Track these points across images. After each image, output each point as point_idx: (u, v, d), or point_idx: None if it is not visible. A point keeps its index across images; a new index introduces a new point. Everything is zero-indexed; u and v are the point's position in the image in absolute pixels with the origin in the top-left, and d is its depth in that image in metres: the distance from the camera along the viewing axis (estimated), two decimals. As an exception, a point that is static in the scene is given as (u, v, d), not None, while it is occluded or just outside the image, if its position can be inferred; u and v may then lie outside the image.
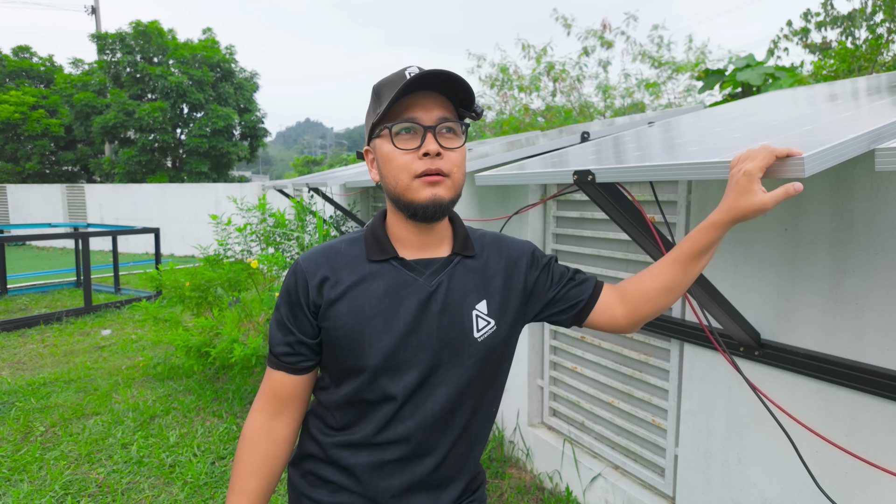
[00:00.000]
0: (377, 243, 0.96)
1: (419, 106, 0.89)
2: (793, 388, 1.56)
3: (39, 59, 18.53)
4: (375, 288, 0.93)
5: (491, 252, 1.02)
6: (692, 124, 1.94)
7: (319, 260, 0.96)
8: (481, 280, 0.98)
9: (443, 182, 0.89)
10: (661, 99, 8.68)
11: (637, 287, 1.01)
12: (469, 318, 0.95)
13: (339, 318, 0.92)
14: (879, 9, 6.92)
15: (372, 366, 0.91)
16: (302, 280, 0.94)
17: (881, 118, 1.07)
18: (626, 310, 1.03)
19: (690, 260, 0.94)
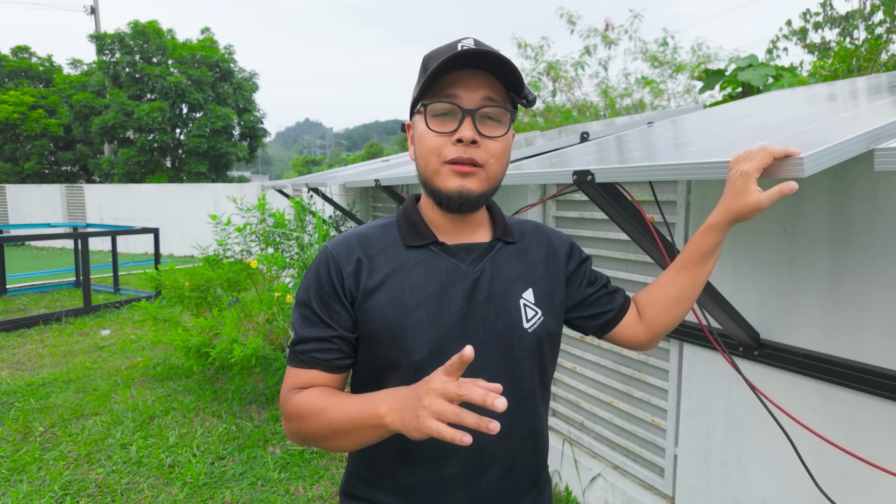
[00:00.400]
0: (413, 228, 0.88)
1: (462, 84, 0.80)
2: (792, 388, 1.56)
3: (38, 60, 18.52)
4: (416, 275, 0.84)
5: (531, 239, 0.95)
6: (692, 124, 1.94)
7: (352, 245, 0.86)
8: (524, 267, 0.91)
9: (475, 173, 0.81)
10: (661, 98, 8.68)
11: (650, 300, 0.99)
12: (517, 307, 0.88)
13: (379, 310, 0.82)
14: (878, 9, 6.92)
15: (416, 361, 0.82)
16: (335, 267, 0.84)
17: (880, 118, 1.07)
18: (645, 325, 1.00)
19: (696, 265, 0.92)
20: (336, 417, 0.76)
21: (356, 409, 0.75)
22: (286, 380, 0.87)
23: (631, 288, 2.19)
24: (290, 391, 0.85)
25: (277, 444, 3.03)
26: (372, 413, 0.72)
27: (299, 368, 0.85)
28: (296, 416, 0.82)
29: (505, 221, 0.95)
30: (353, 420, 0.75)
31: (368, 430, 0.73)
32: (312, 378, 0.85)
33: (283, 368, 3.50)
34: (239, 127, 17.03)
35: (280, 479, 2.67)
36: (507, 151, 0.85)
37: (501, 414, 0.84)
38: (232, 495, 2.55)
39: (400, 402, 0.70)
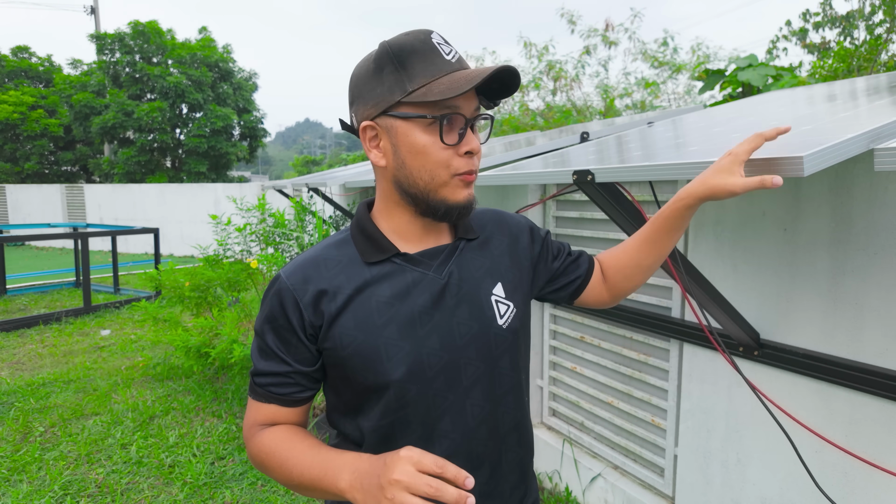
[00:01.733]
0: (371, 242, 0.84)
1: (467, 96, 0.78)
2: (792, 388, 1.56)
3: (38, 59, 18.52)
4: (381, 292, 0.81)
5: (493, 230, 0.94)
6: (692, 124, 1.94)
7: (308, 273, 0.81)
8: (490, 262, 0.90)
9: (472, 182, 0.82)
10: (660, 99, 8.68)
11: (614, 265, 1.02)
12: (489, 305, 0.86)
13: (347, 335, 0.79)
14: (878, 9, 6.93)
15: (396, 380, 0.79)
16: (291, 299, 0.80)
17: (880, 118, 1.07)
18: (608, 286, 1.04)
19: (663, 237, 0.94)
20: (297, 473, 0.76)
21: (316, 472, 0.74)
22: (248, 411, 0.86)
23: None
24: (253, 426, 0.85)
25: (277, 444, 3.04)
26: (332, 484, 0.72)
27: (258, 402, 0.84)
28: (257, 459, 0.82)
29: (467, 221, 0.93)
30: (313, 482, 0.75)
31: (329, 496, 0.74)
32: (272, 413, 0.84)
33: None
34: (239, 127, 17.03)
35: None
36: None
37: (486, 412, 0.85)
38: (232, 495, 2.55)
39: (362, 481, 0.69)
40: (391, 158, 0.80)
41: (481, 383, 0.85)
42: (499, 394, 0.87)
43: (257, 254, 4.19)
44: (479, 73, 0.74)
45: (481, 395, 0.85)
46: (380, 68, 0.78)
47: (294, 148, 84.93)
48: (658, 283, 2.05)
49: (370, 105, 0.79)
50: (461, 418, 0.83)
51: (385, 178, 0.83)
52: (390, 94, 0.77)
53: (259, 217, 4.35)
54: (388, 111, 0.77)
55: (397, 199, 0.84)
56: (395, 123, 0.78)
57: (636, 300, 2.15)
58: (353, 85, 0.82)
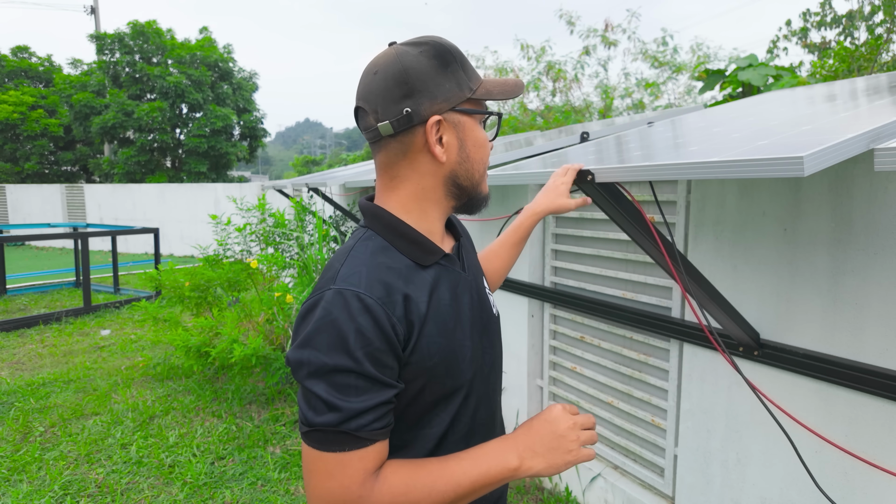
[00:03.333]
0: (418, 245, 0.80)
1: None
2: (792, 388, 1.56)
3: (38, 59, 18.53)
4: (443, 295, 0.80)
5: (458, 225, 1.00)
6: (692, 124, 1.94)
7: (387, 283, 0.73)
8: (475, 257, 0.99)
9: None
10: (660, 100, 8.68)
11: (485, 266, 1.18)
12: (487, 297, 0.94)
13: (433, 343, 0.75)
14: (878, 9, 6.93)
15: (467, 381, 0.81)
16: (382, 316, 0.70)
17: (880, 118, 1.07)
18: None
19: (521, 243, 1.20)
20: (452, 487, 0.72)
21: (477, 472, 0.72)
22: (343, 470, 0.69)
23: (631, 288, 2.19)
24: (365, 481, 0.70)
25: (277, 444, 3.03)
26: (503, 469, 0.74)
27: (361, 449, 0.69)
28: (402, 492, 0.71)
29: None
30: (477, 482, 0.72)
31: (496, 485, 0.76)
32: (378, 453, 0.71)
33: (283, 368, 3.50)
34: (239, 127, 17.03)
35: (280, 479, 2.67)
36: None
37: (497, 398, 0.95)
38: (232, 495, 2.55)
39: (534, 448, 0.76)
40: (455, 153, 0.81)
41: (496, 369, 0.94)
42: (499, 376, 0.96)
43: (257, 254, 4.19)
44: (518, 82, 0.85)
45: (496, 379, 0.93)
46: (444, 65, 0.79)
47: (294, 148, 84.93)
48: (658, 283, 2.05)
49: (440, 100, 0.78)
50: (488, 405, 0.90)
51: (434, 174, 0.81)
52: (460, 91, 0.79)
53: (259, 217, 4.35)
54: (457, 107, 0.80)
55: (440, 197, 0.83)
56: (462, 119, 0.81)
57: (636, 300, 2.15)
58: (412, 78, 0.77)
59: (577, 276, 2.48)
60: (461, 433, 0.83)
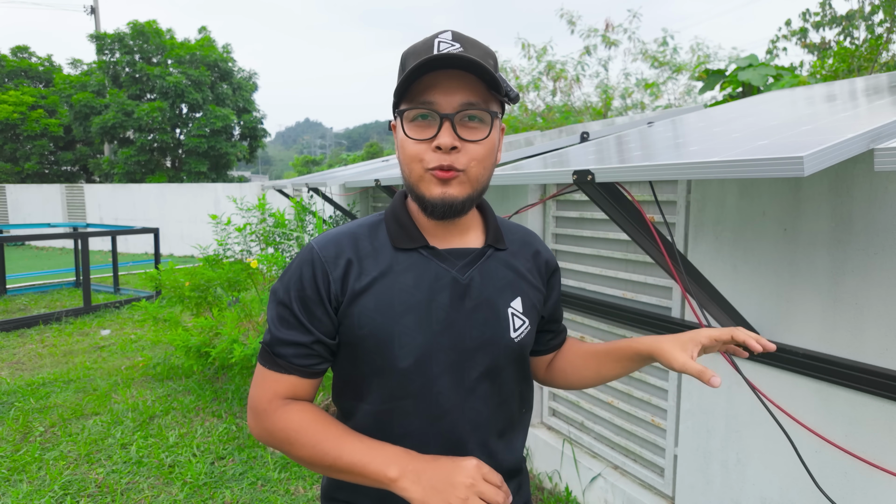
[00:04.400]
0: (403, 230, 0.85)
1: (440, 88, 0.77)
2: (792, 388, 1.56)
3: (38, 59, 18.53)
4: (405, 280, 0.82)
5: (520, 247, 0.94)
6: (692, 124, 1.94)
7: (342, 245, 0.83)
8: (514, 276, 0.90)
9: (456, 178, 0.79)
10: (660, 100, 8.69)
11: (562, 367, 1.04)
12: (505, 316, 0.86)
13: (365, 315, 0.80)
14: (878, 9, 6.93)
15: (401, 368, 0.81)
16: (321, 270, 0.81)
17: (880, 118, 1.07)
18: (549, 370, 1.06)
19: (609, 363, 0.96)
20: (333, 456, 0.77)
21: (359, 457, 0.76)
22: (263, 382, 0.84)
23: (631, 288, 2.19)
24: (273, 399, 0.83)
25: (277, 443, 3.03)
26: (379, 472, 0.75)
27: (276, 373, 0.82)
28: (281, 435, 0.81)
29: (498, 227, 0.92)
30: (352, 467, 0.76)
31: (368, 482, 0.76)
32: (292, 385, 0.83)
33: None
34: (239, 127, 17.03)
35: (280, 479, 2.67)
36: (490, 153, 0.82)
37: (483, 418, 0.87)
38: (232, 495, 2.55)
39: (420, 477, 0.73)
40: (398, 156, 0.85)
41: (482, 387, 0.85)
42: (496, 402, 0.88)
43: (257, 254, 4.19)
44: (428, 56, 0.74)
45: (481, 401, 0.86)
46: (401, 67, 0.83)
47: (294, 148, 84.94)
48: (658, 283, 2.05)
49: (394, 103, 0.84)
50: (462, 422, 0.84)
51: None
52: (395, 95, 0.82)
53: (259, 217, 4.35)
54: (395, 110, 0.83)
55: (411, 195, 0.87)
56: (397, 121, 0.83)
57: (636, 300, 2.15)
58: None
59: (578, 276, 2.48)
60: (411, 429, 0.83)
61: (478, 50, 0.79)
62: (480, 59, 0.77)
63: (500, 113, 0.84)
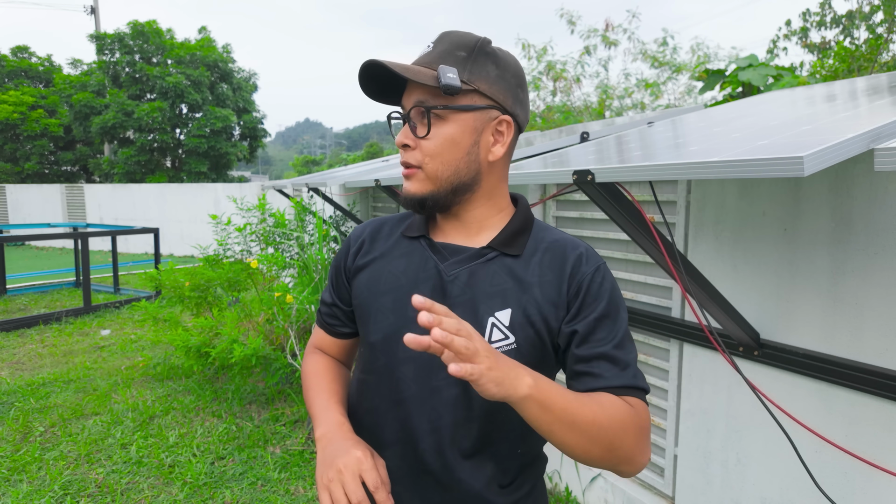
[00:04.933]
0: (415, 220, 0.91)
1: (406, 91, 0.83)
2: (792, 388, 1.56)
3: (38, 59, 18.52)
4: (397, 264, 0.87)
5: (544, 257, 0.83)
6: (692, 124, 1.94)
7: (368, 227, 0.95)
8: (514, 285, 0.81)
9: (414, 175, 0.82)
10: (660, 100, 8.69)
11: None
12: (482, 323, 0.80)
13: (358, 289, 0.90)
14: (878, 9, 6.93)
15: (371, 343, 0.87)
16: (346, 244, 0.95)
17: (880, 118, 1.07)
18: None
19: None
20: (308, 402, 0.92)
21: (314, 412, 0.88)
22: (313, 332, 1.03)
23: (631, 288, 2.19)
24: (310, 346, 1.02)
25: (277, 444, 3.03)
26: (315, 429, 0.85)
27: (317, 326, 1.01)
28: (302, 377, 0.97)
29: (519, 231, 0.85)
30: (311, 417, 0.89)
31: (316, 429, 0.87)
32: (320, 337, 0.99)
33: (283, 368, 3.52)
34: (239, 127, 17.03)
35: (280, 479, 2.67)
36: (442, 149, 0.79)
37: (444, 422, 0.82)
38: (232, 495, 2.55)
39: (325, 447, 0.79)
40: None
41: (449, 395, 0.81)
42: (462, 415, 0.81)
43: (257, 254, 4.19)
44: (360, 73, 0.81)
45: (444, 406, 0.81)
46: None
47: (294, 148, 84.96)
48: (658, 283, 2.05)
49: None
50: (417, 417, 0.82)
51: None
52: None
53: (259, 217, 4.35)
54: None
55: None
56: None
57: (636, 300, 2.15)
58: None
59: (577, 276, 2.47)
60: (377, 407, 0.87)
61: (443, 45, 0.81)
62: (432, 60, 0.79)
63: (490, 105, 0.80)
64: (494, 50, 0.82)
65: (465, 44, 0.80)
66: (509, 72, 0.82)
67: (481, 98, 0.80)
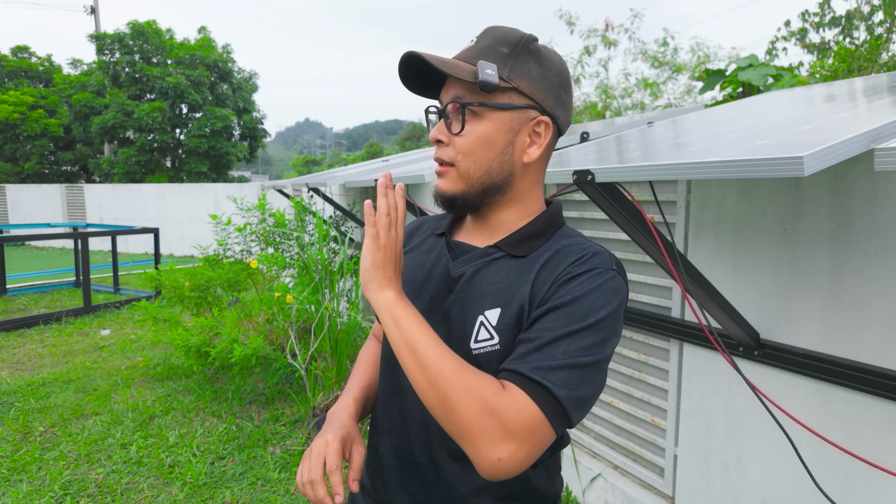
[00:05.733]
0: (447, 219, 0.94)
1: (444, 85, 0.81)
2: (792, 388, 1.56)
3: (38, 59, 18.52)
4: (419, 259, 0.91)
5: (549, 259, 0.79)
6: (692, 124, 1.95)
7: (412, 224, 1.01)
8: (508, 284, 0.78)
9: (446, 173, 0.80)
10: (660, 100, 8.69)
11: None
12: (472, 322, 0.79)
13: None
14: (878, 9, 6.93)
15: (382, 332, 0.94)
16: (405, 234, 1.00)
17: (880, 118, 1.07)
18: None
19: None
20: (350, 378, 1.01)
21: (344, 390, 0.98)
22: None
23: (631, 288, 2.19)
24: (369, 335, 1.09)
25: (277, 444, 3.03)
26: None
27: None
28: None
29: (533, 234, 0.82)
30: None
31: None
32: (376, 324, 1.05)
33: (283, 368, 3.52)
34: (239, 127, 17.03)
35: (280, 479, 2.67)
36: (475, 147, 0.77)
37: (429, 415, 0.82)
38: (232, 495, 2.55)
39: (324, 425, 0.88)
40: None
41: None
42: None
43: (257, 254, 4.20)
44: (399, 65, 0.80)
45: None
46: None
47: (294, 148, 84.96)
48: (658, 283, 2.05)
49: None
50: (410, 408, 0.86)
51: None
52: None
53: (259, 217, 4.35)
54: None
55: None
56: None
57: (636, 300, 2.15)
58: None
59: (577, 276, 2.47)
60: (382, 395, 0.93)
61: (486, 40, 0.79)
62: (473, 55, 0.77)
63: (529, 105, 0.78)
64: (539, 48, 0.79)
65: (508, 40, 0.78)
66: (552, 71, 0.79)
67: (520, 97, 0.77)
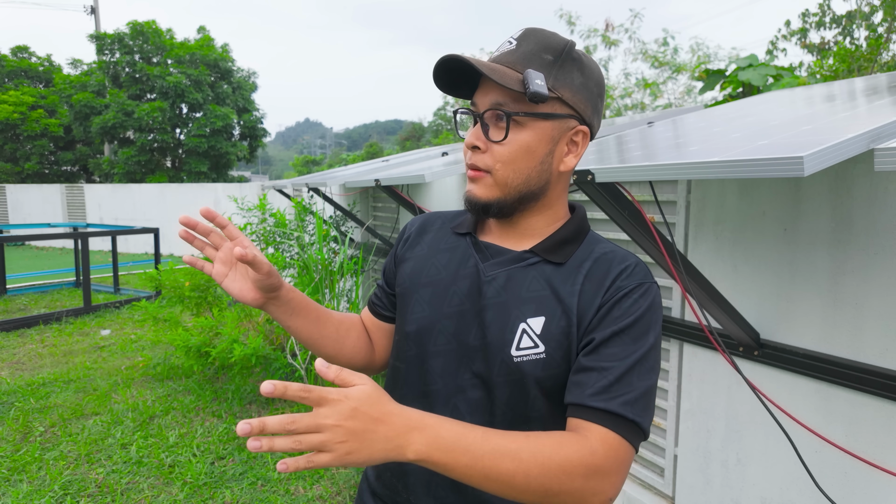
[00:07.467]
0: (467, 218, 0.91)
1: (481, 88, 0.79)
2: (792, 388, 1.56)
3: (38, 59, 18.52)
4: (441, 258, 0.88)
5: (591, 270, 0.79)
6: (692, 124, 1.95)
7: (417, 221, 0.98)
8: (550, 294, 0.78)
9: (481, 179, 0.79)
10: (660, 100, 8.69)
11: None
12: (513, 329, 0.77)
13: (402, 276, 0.92)
14: (878, 9, 6.93)
15: (406, 332, 0.87)
16: (401, 232, 0.99)
17: (880, 118, 1.07)
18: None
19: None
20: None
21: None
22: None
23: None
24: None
25: (277, 443, 3.03)
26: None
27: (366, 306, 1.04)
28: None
29: (566, 239, 0.82)
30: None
31: None
32: (365, 312, 1.03)
33: (283, 368, 3.52)
34: (239, 127, 17.03)
35: (280, 479, 2.67)
36: (516, 156, 0.77)
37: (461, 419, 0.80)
38: (232, 495, 2.55)
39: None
40: None
41: (474, 396, 0.80)
42: (484, 420, 0.79)
43: (257, 254, 4.18)
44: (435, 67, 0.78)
45: (466, 406, 0.80)
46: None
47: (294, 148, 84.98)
48: (658, 282, 2.05)
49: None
50: (440, 411, 0.80)
51: None
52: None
53: (260, 217, 4.35)
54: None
55: None
56: None
57: (636, 300, 2.15)
58: None
59: (577, 276, 2.47)
60: (395, 384, 0.90)
61: (528, 44, 0.76)
62: (516, 60, 0.75)
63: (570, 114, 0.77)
64: (580, 56, 0.78)
65: (552, 46, 0.76)
66: (592, 80, 0.79)
67: (562, 106, 0.77)
